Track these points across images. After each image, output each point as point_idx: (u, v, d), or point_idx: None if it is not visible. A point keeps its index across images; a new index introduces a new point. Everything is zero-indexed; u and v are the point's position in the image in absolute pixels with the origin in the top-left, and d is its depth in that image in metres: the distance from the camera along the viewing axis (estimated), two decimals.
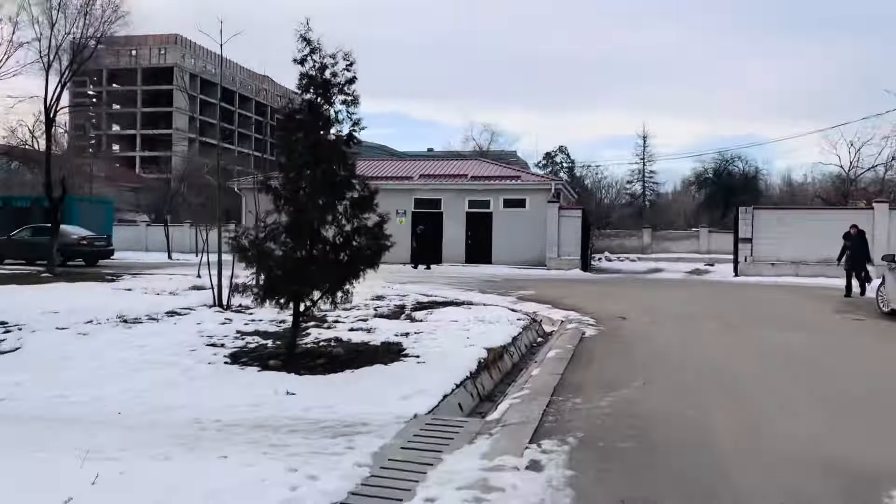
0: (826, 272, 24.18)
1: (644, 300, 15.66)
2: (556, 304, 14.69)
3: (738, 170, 64.28)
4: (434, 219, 29.93)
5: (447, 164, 32.88)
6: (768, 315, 13.10)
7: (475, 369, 7.56)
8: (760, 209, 25.71)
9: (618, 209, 62.33)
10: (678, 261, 37.68)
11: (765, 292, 18.28)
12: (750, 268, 24.95)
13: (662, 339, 9.80)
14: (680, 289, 19.56)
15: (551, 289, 18.66)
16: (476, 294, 17.01)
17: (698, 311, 13.38)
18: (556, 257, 27.50)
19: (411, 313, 12.62)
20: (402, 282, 20.61)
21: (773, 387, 6.63)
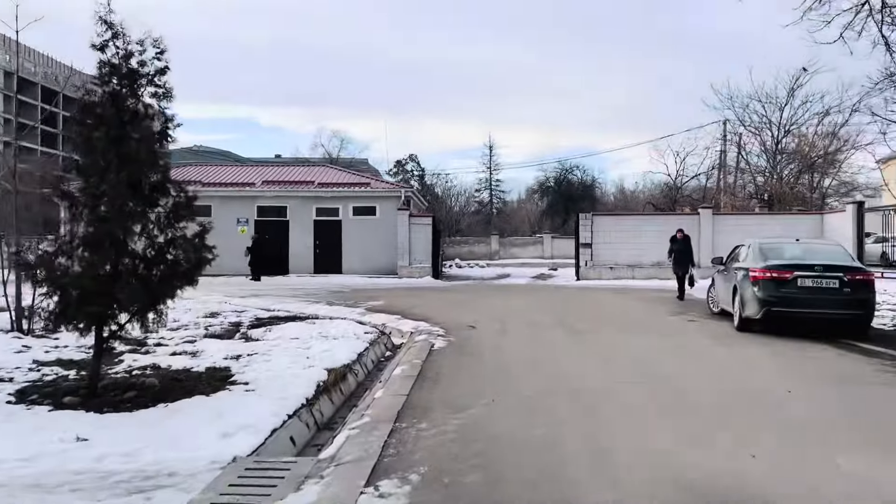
0: (659, 274, 25.68)
1: (493, 307, 15.58)
2: (406, 314, 14.20)
3: (576, 178, 67.88)
4: (279, 227, 28.54)
5: (293, 171, 31.55)
6: (610, 319, 13.39)
7: (313, 394, 6.82)
8: (599, 215, 26.88)
9: (467, 216, 63.52)
10: (524, 266, 38.78)
11: (605, 296, 18.93)
12: (591, 272, 25.96)
13: (511, 350, 9.56)
14: (527, 294, 19.81)
15: (402, 298, 18.18)
16: (322, 307, 16.15)
17: (545, 318, 13.42)
18: (408, 265, 27.15)
19: (248, 331, 11.59)
20: (244, 295, 19.28)
21: (622, 399, 6.47)
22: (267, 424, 5.63)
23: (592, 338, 10.73)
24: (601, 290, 21.20)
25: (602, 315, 14.06)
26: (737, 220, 26.07)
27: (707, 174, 40.21)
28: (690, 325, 12.35)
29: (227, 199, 28.52)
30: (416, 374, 7.61)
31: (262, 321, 12.97)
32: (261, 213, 28.75)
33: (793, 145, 33.72)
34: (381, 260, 28.26)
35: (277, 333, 11.20)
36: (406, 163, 67.72)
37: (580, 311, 14.68)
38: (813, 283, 10.25)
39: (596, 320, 13.10)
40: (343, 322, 12.76)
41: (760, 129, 34.79)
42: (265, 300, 17.75)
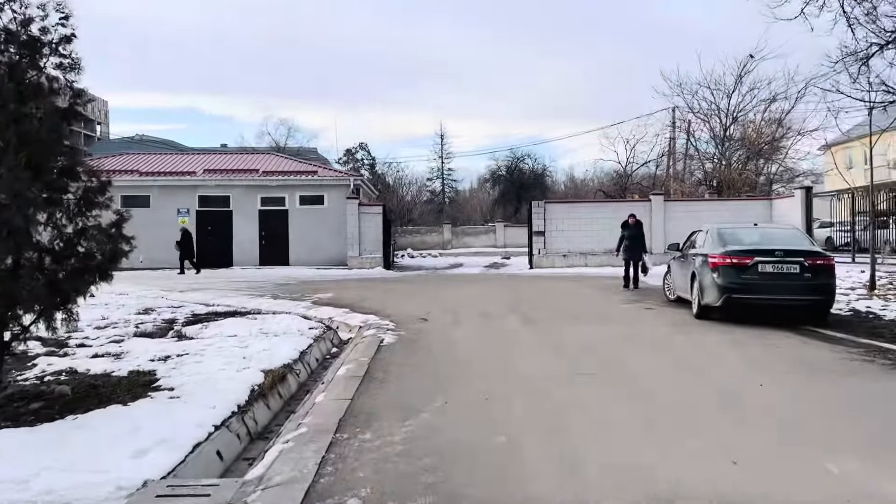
0: (612, 262, 25.50)
1: (445, 298, 15.04)
2: (354, 307, 13.54)
3: (528, 167, 67.90)
4: (223, 218, 27.43)
5: (237, 159, 30.35)
6: (565, 308, 13.00)
7: (246, 400, 6.15)
8: (552, 203, 26.60)
9: (419, 206, 62.87)
10: (477, 255, 38.43)
11: (559, 284, 18.59)
12: (544, 260, 25.68)
13: (464, 343, 9.02)
14: (480, 284, 19.35)
15: (351, 290, 17.49)
16: (266, 301, 15.35)
17: (499, 308, 12.94)
18: (358, 256, 26.40)
19: (182, 329, 10.78)
20: (183, 290, 18.31)
21: (585, 398, 5.99)
22: (189, 438, 4.96)
23: (547, 328, 10.28)
24: (554, 278, 20.88)
25: (556, 304, 13.66)
26: (688, 207, 26.12)
27: (657, 161, 40.47)
28: (647, 313, 12.03)
29: (168, 188, 27.25)
30: (363, 373, 6.99)
31: (199, 317, 12.15)
32: (203, 202, 27.57)
33: (740, 132, 34.05)
34: (330, 251, 27.44)
35: (214, 331, 10.44)
36: (356, 151, 66.58)
37: (534, 300, 14.25)
38: (774, 268, 9.99)
39: (550, 309, 12.68)
40: (286, 317, 12.04)
41: (709, 115, 35.06)
42: (206, 294, 16.84)
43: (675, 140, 39.89)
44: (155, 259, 26.60)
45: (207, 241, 27.35)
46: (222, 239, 27.33)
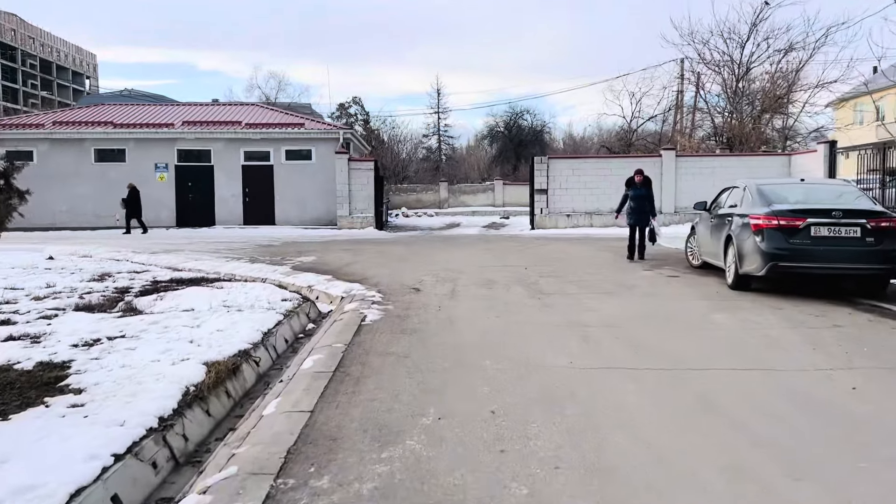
0: (619, 221, 23.97)
1: (441, 263, 13.48)
2: (338, 274, 12.00)
3: (527, 123, 65.81)
4: (203, 174, 25.67)
5: (218, 110, 28.42)
6: (577, 274, 11.45)
7: (175, 409, 4.62)
8: (556, 159, 24.87)
9: (415, 163, 60.89)
10: (475, 214, 36.81)
11: (566, 246, 17.03)
12: (546, 220, 24.08)
13: (464, 323, 7.48)
14: (479, 246, 17.77)
15: (338, 253, 15.93)
16: (242, 265, 13.78)
17: (502, 275, 11.39)
18: (348, 215, 24.75)
19: (134, 300, 9.21)
20: (155, 251, 16.71)
21: (627, 410, 4.48)
22: (68, 481, 3.42)
23: (560, 301, 8.73)
24: (559, 239, 19.31)
25: (566, 270, 12.11)
26: (701, 163, 24.43)
27: (664, 116, 38.54)
28: (673, 282, 10.49)
29: (144, 141, 25.43)
30: (333, 367, 5.45)
31: (159, 286, 10.58)
32: (182, 157, 25.78)
33: (756, 84, 32.12)
34: (318, 209, 25.80)
35: (170, 303, 8.88)
36: (349, 106, 64.07)
37: (541, 266, 12.70)
38: (830, 231, 8.40)
39: (560, 277, 11.13)
40: (259, 286, 10.48)
41: (721, 66, 33.05)
42: (177, 257, 15.26)
43: (682, 93, 37.98)
44: None
45: (188, 198, 25.66)
46: (203, 196, 25.63)
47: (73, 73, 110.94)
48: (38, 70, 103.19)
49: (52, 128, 25.00)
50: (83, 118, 26.29)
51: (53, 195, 25.13)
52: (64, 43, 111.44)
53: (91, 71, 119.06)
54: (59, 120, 25.86)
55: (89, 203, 25.31)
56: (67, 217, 25.21)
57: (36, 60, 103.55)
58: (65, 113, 28.21)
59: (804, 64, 31.04)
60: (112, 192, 25.25)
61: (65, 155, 25.22)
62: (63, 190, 25.19)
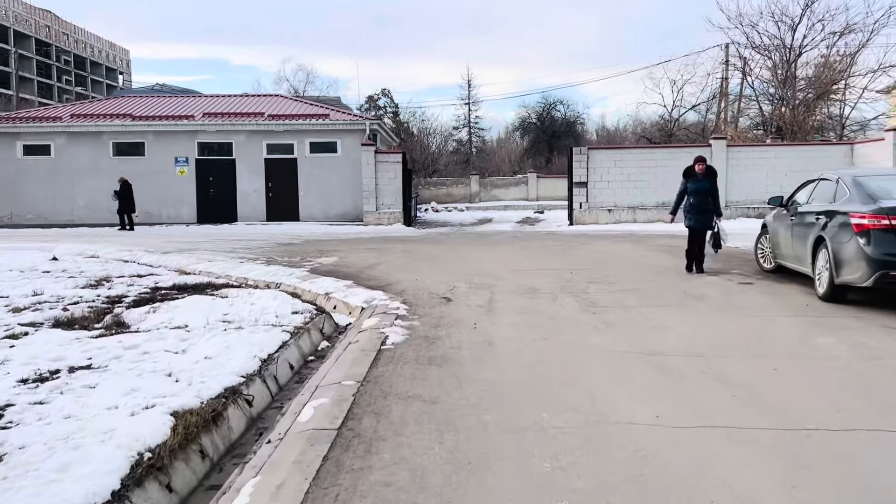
0: (664, 216, 22.32)
1: (474, 265, 12.11)
2: (360, 278, 10.72)
3: (560, 114, 63.92)
4: (225, 167, 24.60)
5: (241, 101, 27.32)
6: (631, 280, 9.98)
7: (114, 494, 3.32)
8: (596, 150, 23.27)
9: (445, 156, 59.52)
10: (507, 209, 35.36)
11: (611, 246, 15.50)
12: (586, 215, 22.52)
13: (505, 346, 6.10)
14: (516, 245, 16.34)
15: (362, 253, 14.65)
16: (256, 267, 12.58)
17: (545, 281, 9.98)
18: (375, 211, 23.48)
19: (124, 312, 8.02)
20: (168, 251, 15.61)
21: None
22: None
23: (622, 318, 7.30)
24: (602, 237, 17.79)
25: (618, 275, 10.64)
26: (753, 153, 22.61)
27: (707, 104, 36.56)
28: (748, 290, 8.96)
29: (164, 134, 24.44)
30: (340, 421, 4.11)
31: (157, 294, 9.39)
32: (202, 150, 24.74)
33: (810, 69, 30.04)
34: (344, 204, 24.58)
35: (163, 317, 7.68)
36: (378, 98, 62.82)
37: (588, 270, 11.25)
38: None
39: (614, 284, 9.68)
40: (269, 294, 9.22)
41: (771, 51, 31.02)
42: (189, 258, 14.12)
43: (727, 80, 35.95)
44: (151, 213, 24.08)
45: (209, 193, 24.62)
46: (225, 191, 24.57)
47: (107, 68, 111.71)
48: (72, 66, 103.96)
49: (70, 121, 24.15)
50: (101, 111, 25.42)
51: (71, 191, 24.34)
52: (98, 39, 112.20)
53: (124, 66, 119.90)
54: (76, 113, 25.03)
55: (107, 199, 24.38)
56: (85, 213, 24.36)
57: (70, 56, 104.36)
58: (83, 105, 27.43)
59: (863, 46, 28.93)
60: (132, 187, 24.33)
61: (82, 149, 24.36)
62: (81, 185, 24.35)
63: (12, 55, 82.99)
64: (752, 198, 22.37)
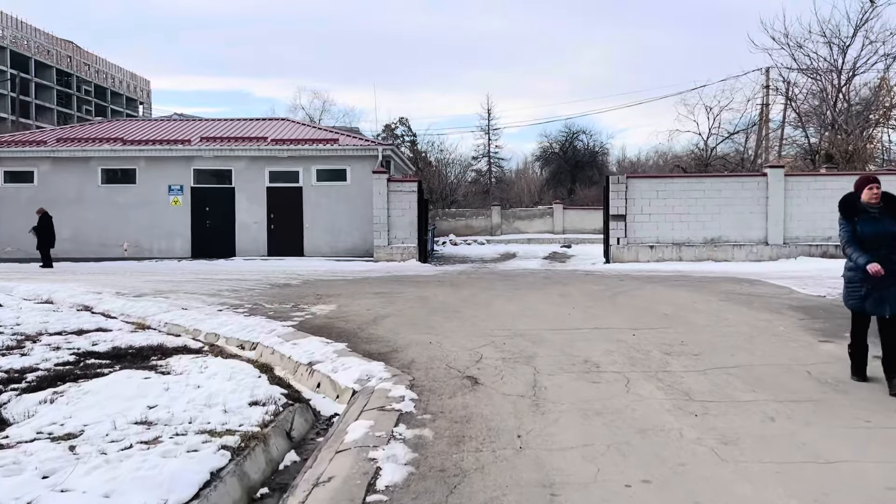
0: (714, 254, 19.72)
1: (504, 319, 9.58)
2: (358, 338, 8.26)
3: (582, 144, 61.62)
4: (223, 197, 22.39)
5: (242, 125, 25.22)
6: (726, 350, 7.39)
7: None
8: (636, 178, 20.78)
9: (463, 187, 57.31)
10: (531, 242, 32.85)
11: (668, 291, 12.89)
12: (624, 252, 19.94)
13: (581, 498, 3.55)
14: (549, 289, 13.77)
15: (366, 298, 12.20)
16: (234, 317, 10.15)
17: (601, 347, 7.43)
18: (386, 245, 21.06)
19: (12, 400, 5.59)
20: (144, 292, 13.28)
21: None
22: None
23: (743, 427, 4.71)
24: (651, 279, 15.18)
25: (701, 339, 8.03)
26: (815, 183, 19.95)
27: (746, 132, 33.99)
28: None
29: (157, 160, 22.32)
30: None
31: (80, 365, 6.95)
32: (199, 178, 22.56)
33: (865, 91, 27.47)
34: (353, 238, 22.23)
35: (60, 412, 5.27)
36: (395, 127, 60.86)
37: (655, 328, 8.66)
38: None
39: (701, 355, 7.08)
40: (226, 369, 6.72)
41: (818, 73, 28.50)
42: (159, 305, 11.72)
43: (768, 106, 33.45)
44: (142, 247, 21.84)
45: (205, 225, 22.39)
46: (222, 223, 22.33)
47: (127, 98, 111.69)
48: (92, 96, 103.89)
49: (55, 145, 22.12)
50: (90, 135, 23.41)
51: (56, 222, 22.19)
52: (119, 69, 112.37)
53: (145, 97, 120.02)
54: (63, 137, 23.03)
55: (94, 231, 22.27)
56: (71, 246, 22.19)
57: (91, 86, 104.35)
58: (71, 129, 25.49)
59: None
60: (120, 218, 22.20)
61: (68, 176, 22.29)
62: (66, 216, 22.22)
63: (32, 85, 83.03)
64: (815, 234, 19.73)
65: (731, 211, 19.75)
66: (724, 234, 19.81)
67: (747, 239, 19.73)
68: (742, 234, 19.74)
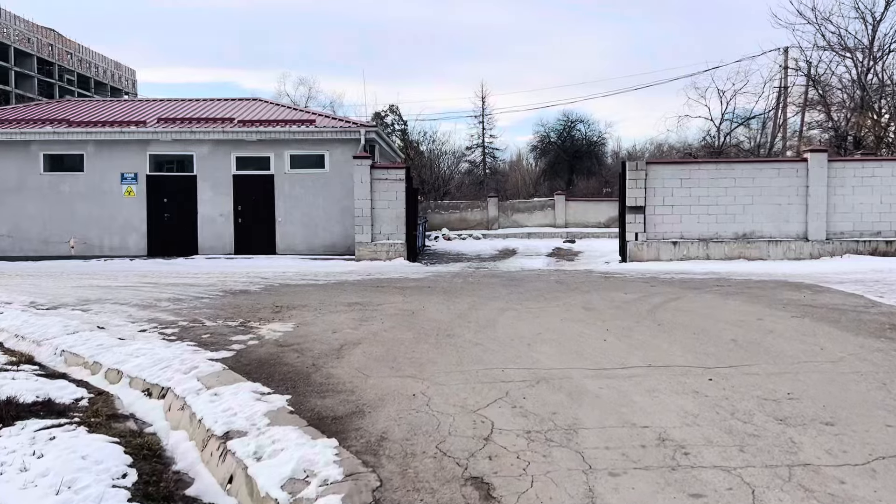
0: (746, 251, 17.15)
1: (516, 348, 6.95)
2: (309, 386, 5.66)
3: (580, 134, 59.00)
4: (183, 186, 19.64)
5: (206, 106, 22.42)
6: (878, 417, 4.83)
7: None
8: (657, 164, 18.13)
9: (457, 178, 54.60)
10: (531, 237, 30.23)
11: (725, 304, 10.28)
12: (643, 249, 17.34)
13: None
14: (568, 298, 11.15)
15: (335, 313, 9.57)
16: (154, 343, 7.53)
17: (678, 410, 4.85)
18: (370, 242, 18.38)
19: None
20: (65, 301, 10.62)
21: None
22: None
23: None
24: (686, 283, 12.57)
25: (812, 387, 5.45)
26: (864, 171, 17.33)
27: (764, 115, 31.43)
28: None
29: (107, 144, 19.54)
30: None
31: None
32: (156, 165, 19.80)
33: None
34: (333, 233, 19.57)
35: None
36: (385, 115, 57.91)
37: (735, 365, 6.05)
38: None
39: (843, 427, 4.49)
40: (78, 457, 4.09)
41: (849, 50, 25.96)
42: (71, 320, 9.10)
43: (787, 89, 30.92)
44: (91, 244, 19.09)
45: (162, 219, 19.66)
46: (182, 216, 19.59)
47: (112, 88, 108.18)
48: (75, 86, 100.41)
49: None
50: (31, 115, 20.58)
51: None
52: (103, 59, 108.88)
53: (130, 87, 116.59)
54: (2, 118, 20.20)
55: (36, 225, 19.51)
56: (8, 244, 19.46)
57: (73, 76, 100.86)
58: (12, 110, 22.68)
59: None
60: (65, 211, 19.44)
61: (7, 162, 19.51)
62: (4, 208, 19.48)
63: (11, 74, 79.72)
64: (863, 228, 17.17)
65: (766, 201, 17.18)
66: (757, 229, 17.24)
67: (784, 234, 17.18)
68: (778, 229, 17.18)
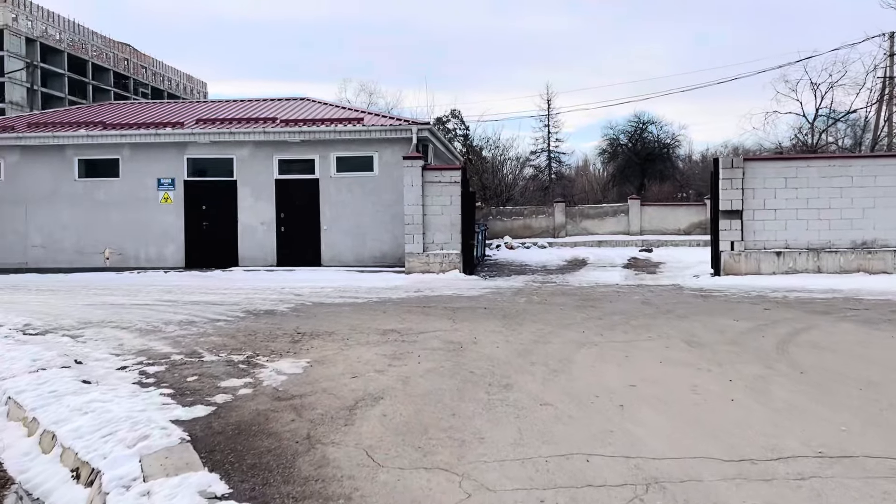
0: (868, 264, 14.32)
1: (604, 413, 4.76)
2: (284, 485, 3.58)
3: (651, 136, 55.70)
4: (222, 192, 18.15)
5: (249, 106, 20.99)
6: None
7: None
8: (756, 162, 15.48)
9: (521, 183, 52.25)
10: (601, 245, 27.68)
11: (879, 340, 7.81)
12: (741, 260, 14.74)
13: None
14: (659, 325, 8.84)
15: (363, 346, 7.58)
16: (119, 390, 5.71)
17: None
18: (421, 252, 16.40)
19: None
20: (62, 324, 9.02)
21: None
22: None
23: None
24: (805, 304, 10.02)
25: None
26: None
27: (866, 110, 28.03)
28: None
29: (142, 147, 18.24)
30: None
31: None
32: (194, 170, 18.37)
33: None
34: (382, 243, 17.71)
35: None
36: (447, 120, 56.16)
37: None
38: None
39: None
40: None
41: None
42: (48, 350, 7.39)
43: (893, 79, 27.48)
44: (127, 255, 17.78)
45: (201, 227, 18.20)
46: (222, 225, 18.09)
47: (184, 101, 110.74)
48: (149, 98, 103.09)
49: (25, 131, 18.29)
50: (65, 119, 19.56)
51: (24, 224, 18.45)
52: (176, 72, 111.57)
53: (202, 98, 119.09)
54: (35, 121, 19.22)
55: (70, 235, 18.36)
56: (42, 255, 18.39)
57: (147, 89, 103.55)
58: (46, 114, 21.72)
59: None
60: (100, 220, 18.23)
61: (40, 168, 18.46)
62: (37, 217, 18.43)
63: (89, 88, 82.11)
64: None
65: (891, 204, 14.36)
66: (879, 237, 14.42)
67: None
68: None
